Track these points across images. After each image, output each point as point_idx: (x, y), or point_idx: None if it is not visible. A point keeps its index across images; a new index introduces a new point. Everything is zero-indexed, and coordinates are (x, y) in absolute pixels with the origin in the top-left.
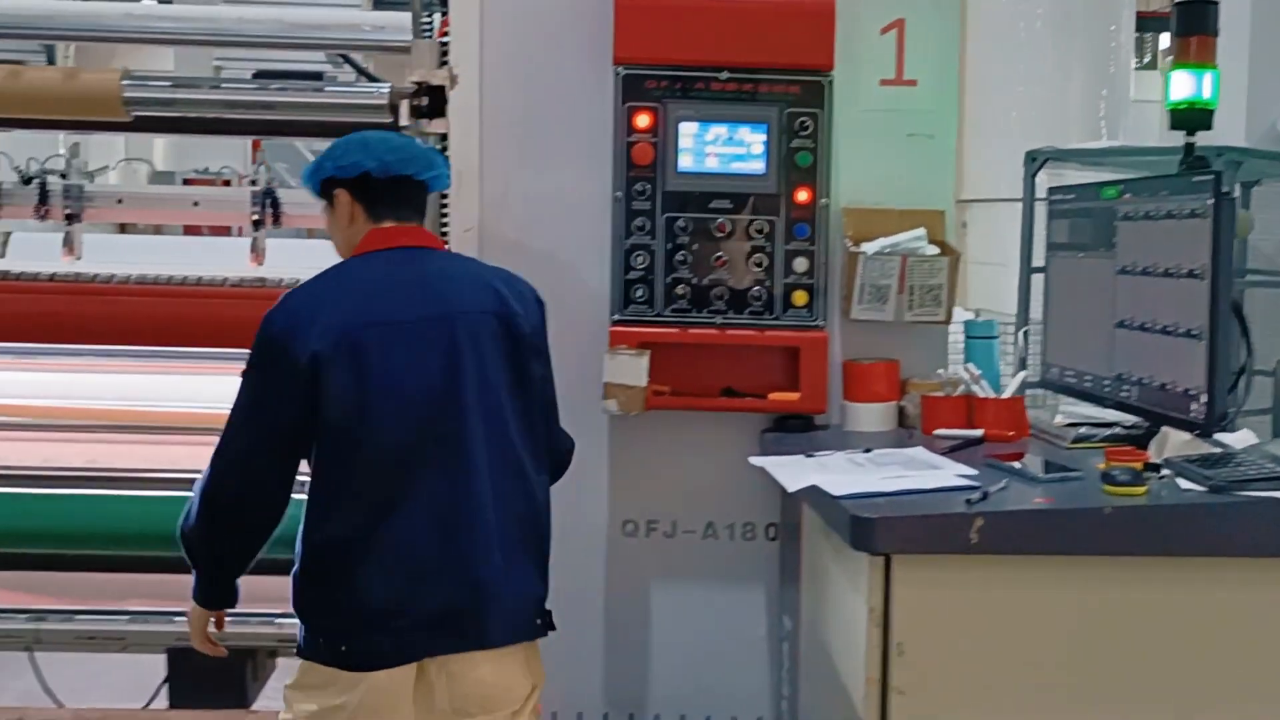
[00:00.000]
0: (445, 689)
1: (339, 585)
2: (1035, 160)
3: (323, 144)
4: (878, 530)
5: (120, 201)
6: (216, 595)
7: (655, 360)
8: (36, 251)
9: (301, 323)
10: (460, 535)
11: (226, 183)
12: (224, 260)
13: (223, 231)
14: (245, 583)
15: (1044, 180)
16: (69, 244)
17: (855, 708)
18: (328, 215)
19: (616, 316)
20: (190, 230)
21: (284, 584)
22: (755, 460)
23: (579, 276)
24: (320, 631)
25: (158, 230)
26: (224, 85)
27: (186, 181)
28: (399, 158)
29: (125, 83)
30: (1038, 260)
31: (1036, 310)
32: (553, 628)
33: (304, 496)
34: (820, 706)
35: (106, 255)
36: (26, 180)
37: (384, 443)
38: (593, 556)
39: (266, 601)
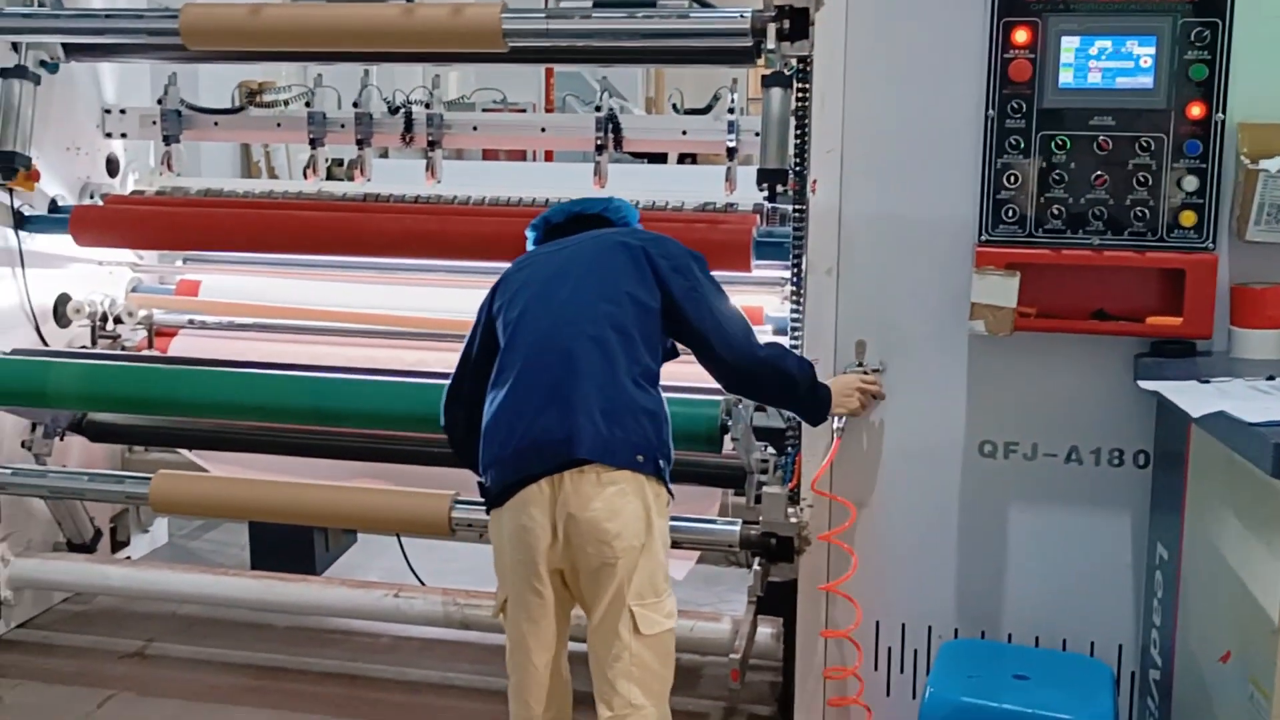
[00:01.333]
0: (563, 522)
1: (484, 448)
2: None
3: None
4: None
5: (475, 129)
6: None
7: (1021, 281)
8: (394, 176)
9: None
10: (558, 392)
11: (521, 110)
12: (566, 183)
13: (518, 156)
14: None
15: None
16: (430, 169)
17: (1266, 639)
18: None
19: (984, 237)
20: (488, 155)
21: None
22: (1147, 384)
23: (942, 196)
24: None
25: (458, 155)
26: (594, 15)
27: (485, 110)
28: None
29: (504, 15)
30: None
31: None
32: (661, 476)
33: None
34: (1208, 636)
35: (462, 179)
36: (393, 110)
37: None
38: (948, 475)
39: None
